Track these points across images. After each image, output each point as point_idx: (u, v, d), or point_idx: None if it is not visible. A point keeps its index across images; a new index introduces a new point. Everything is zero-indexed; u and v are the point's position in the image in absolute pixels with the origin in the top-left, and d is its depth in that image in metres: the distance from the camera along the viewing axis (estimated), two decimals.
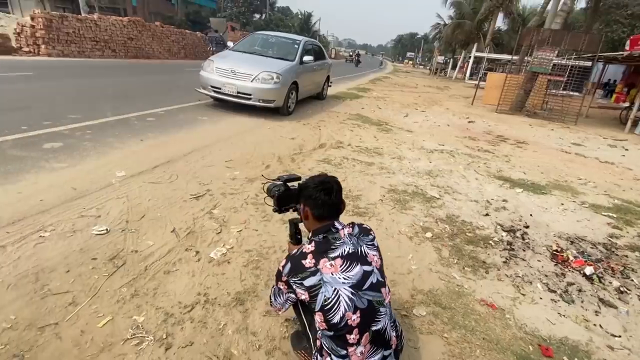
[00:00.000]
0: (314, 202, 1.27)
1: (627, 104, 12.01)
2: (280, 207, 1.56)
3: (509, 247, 2.53)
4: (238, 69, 5.75)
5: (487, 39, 24.26)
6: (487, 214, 3.07)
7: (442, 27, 33.43)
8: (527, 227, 2.88)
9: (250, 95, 5.71)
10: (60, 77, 7.03)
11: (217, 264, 2.04)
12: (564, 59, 10.33)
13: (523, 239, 2.69)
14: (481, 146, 5.86)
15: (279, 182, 1.55)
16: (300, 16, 43.78)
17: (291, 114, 6.53)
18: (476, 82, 22.78)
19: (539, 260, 2.42)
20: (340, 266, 1.16)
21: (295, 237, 1.60)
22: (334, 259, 1.17)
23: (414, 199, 3.27)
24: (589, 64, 11.24)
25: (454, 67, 36.76)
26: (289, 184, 1.58)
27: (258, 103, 5.78)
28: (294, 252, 1.26)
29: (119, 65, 11.16)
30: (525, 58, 10.86)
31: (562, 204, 3.53)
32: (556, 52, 9.55)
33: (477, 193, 3.61)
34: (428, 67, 54.44)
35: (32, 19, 10.66)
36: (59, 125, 4.00)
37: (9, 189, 2.54)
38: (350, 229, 1.29)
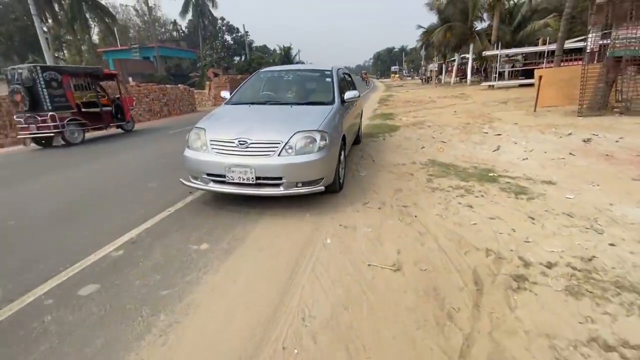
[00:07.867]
0: None
1: None
2: None
3: None
4: (251, 136, 3.21)
5: (494, 35, 22.19)
6: None
7: (422, 35, 31.49)
8: None
9: (280, 178, 3.14)
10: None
11: None
12: None
13: None
14: None
15: None
16: (279, 51, 42.56)
17: (342, 188, 3.95)
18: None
19: None
20: None
21: None
22: None
23: None
24: None
25: (440, 72, 34.81)
26: None
27: (295, 190, 3.18)
28: None
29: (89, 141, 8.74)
30: (595, 39, 8.41)
31: None
32: None
33: None
34: (418, 77, 52.74)
35: None
36: None
37: None
38: None
